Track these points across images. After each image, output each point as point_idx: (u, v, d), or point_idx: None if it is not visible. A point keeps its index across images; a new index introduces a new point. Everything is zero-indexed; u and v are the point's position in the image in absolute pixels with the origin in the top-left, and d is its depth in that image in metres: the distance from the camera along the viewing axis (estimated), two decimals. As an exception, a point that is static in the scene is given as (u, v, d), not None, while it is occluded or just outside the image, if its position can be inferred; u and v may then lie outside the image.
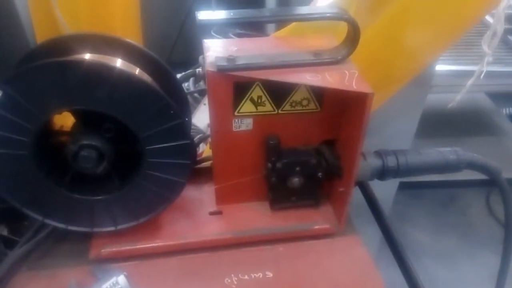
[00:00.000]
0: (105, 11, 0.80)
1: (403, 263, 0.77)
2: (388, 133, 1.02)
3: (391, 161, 0.75)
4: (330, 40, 0.69)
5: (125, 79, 0.55)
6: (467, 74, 0.82)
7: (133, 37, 0.86)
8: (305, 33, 0.74)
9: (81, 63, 0.54)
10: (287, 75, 0.62)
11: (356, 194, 0.84)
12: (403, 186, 1.41)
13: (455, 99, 0.81)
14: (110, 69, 0.55)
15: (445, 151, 0.77)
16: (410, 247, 1.99)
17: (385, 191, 0.90)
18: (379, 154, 0.76)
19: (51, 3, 0.69)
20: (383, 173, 0.75)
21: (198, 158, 0.82)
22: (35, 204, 0.63)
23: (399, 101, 0.92)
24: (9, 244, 0.73)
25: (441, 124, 2.13)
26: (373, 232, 0.90)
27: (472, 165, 0.78)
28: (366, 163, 0.74)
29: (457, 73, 1.52)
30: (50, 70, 0.52)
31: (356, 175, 0.70)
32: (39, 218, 0.63)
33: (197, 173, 0.81)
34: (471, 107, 2.43)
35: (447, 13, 0.79)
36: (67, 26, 0.72)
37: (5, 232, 0.76)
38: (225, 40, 0.70)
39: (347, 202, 0.73)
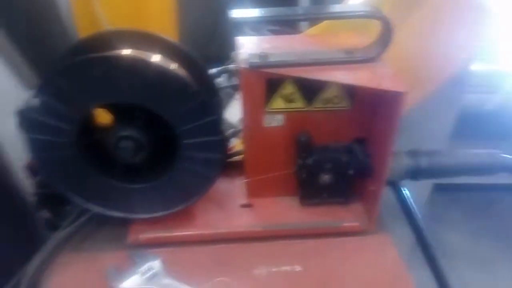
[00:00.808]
0: (143, 9, 0.83)
1: (434, 265, 0.76)
2: (422, 133, 1.00)
3: (424, 162, 0.74)
4: (362, 38, 0.69)
5: (164, 74, 0.58)
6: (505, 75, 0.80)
7: (169, 33, 0.90)
8: (337, 32, 0.74)
9: (122, 58, 0.57)
10: (319, 73, 0.63)
11: (389, 193, 0.83)
12: (440, 189, 1.37)
13: (492, 101, 0.78)
14: (149, 65, 0.58)
15: (481, 153, 0.75)
16: (446, 250, 1.93)
17: (418, 191, 0.88)
18: (412, 153, 0.75)
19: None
20: (415, 174, 0.75)
21: (230, 152, 0.84)
22: (78, 189, 0.67)
23: (434, 100, 0.90)
24: (52, 227, 0.78)
25: (481, 125, 2.05)
26: (406, 232, 0.89)
27: (509, 169, 0.75)
28: (398, 163, 0.73)
29: (495, 73, 1.46)
30: (93, 64, 0.56)
31: (387, 174, 0.70)
32: (81, 203, 0.68)
33: (229, 166, 0.83)
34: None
35: None
36: (107, 22, 0.76)
37: (47, 216, 0.81)
38: (258, 37, 0.71)
39: (378, 201, 0.72)
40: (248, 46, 0.68)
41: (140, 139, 0.62)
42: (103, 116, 0.66)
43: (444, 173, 0.76)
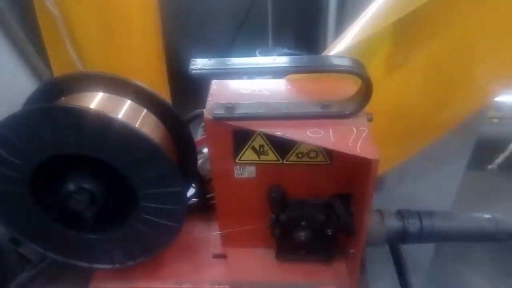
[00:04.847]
0: (127, 54, 0.81)
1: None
2: (428, 182, 0.91)
3: (413, 224, 0.66)
4: (349, 85, 0.62)
5: (116, 127, 0.55)
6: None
7: (157, 75, 0.87)
8: (322, 76, 0.67)
9: (71, 110, 0.54)
10: (286, 130, 0.57)
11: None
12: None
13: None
14: (101, 117, 0.54)
15: (481, 218, 0.66)
16: (466, 292, 1.79)
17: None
18: (400, 214, 0.67)
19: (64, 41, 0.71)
20: (403, 237, 0.67)
21: (207, 195, 0.79)
22: (37, 237, 0.65)
23: (440, 149, 0.81)
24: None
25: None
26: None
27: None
28: (382, 225, 0.66)
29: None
30: (41, 115, 0.53)
31: (367, 237, 0.62)
32: (41, 251, 0.66)
33: (207, 208, 0.79)
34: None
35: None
36: (80, 64, 0.74)
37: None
38: (231, 82, 0.66)
39: (358, 265, 0.65)
40: (218, 93, 0.63)
41: (93, 190, 0.59)
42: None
43: (438, 238, 0.67)
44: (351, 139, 0.54)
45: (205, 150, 0.81)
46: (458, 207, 0.95)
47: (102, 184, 0.61)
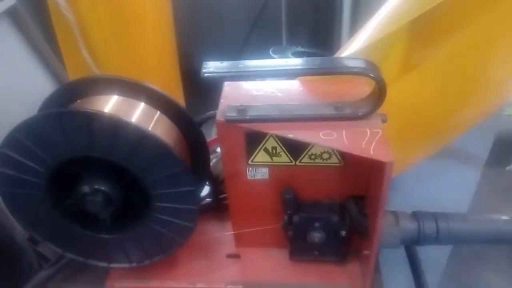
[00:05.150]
0: (141, 54, 0.81)
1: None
2: (445, 182, 0.89)
3: (428, 227, 0.65)
4: (362, 87, 0.62)
5: (128, 129, 0.55)
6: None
7: (170, 75, 0.87)
8: (335, 77, 0.67)
9: (80, 114, 0.55)
10: (299, 132, 0.56)
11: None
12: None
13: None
14: (113, 121, 0.55)
15: (499, 220, 0.65)
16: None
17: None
18: (415, 216, 0.66)
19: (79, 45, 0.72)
20: (418, 239, 0.66)
21: (221, 196, 0.79)
22: (55, 237, 0.66)
23: (458, 148, 0.80)
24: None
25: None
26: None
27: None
28: (396, 227, 0.65)
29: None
30: (55, 119, 0.54)
31: (381, 238, 0.62)
32: (59, 251, 0.67)
33: (220, 209, 0.79)
34: None
35: None
36: (94, 66, 0.75)
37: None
38: (244, 84, 0.66)
39: (371, 266, 0.65)
40: (230, 96, 0.63)
41: (108, 192, 0.60)
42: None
43: (454, 241, 0.66)
44: (364, 141, 0.54)
45: (219, 149, 0.81)
46: (475, 207, 0.93)
47: (116, 185, 0.61)
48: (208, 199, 0.81)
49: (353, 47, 0.67)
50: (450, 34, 0.66)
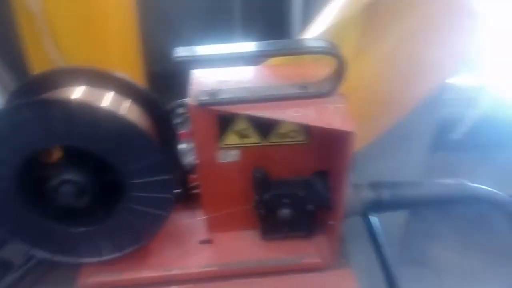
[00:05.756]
0: (102, 45, 0.81)
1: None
2: (394, 159, 0.98)
3: (385, 194, 0.72)
4: (323, 69, 0.67)
5: (104, 116, 0.56)
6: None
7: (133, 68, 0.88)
8: (297, 61, 0.72)
9: (59, 102, 0.55)
10: (269, 111, 0.60)
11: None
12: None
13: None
14: (89, 108, 0.55)
15: (448, 184, 0.73)
16: (433, 265, 1.91)
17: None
18: (373, 186, 0.73)
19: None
20: (378, 207, 0.72)
21: (191, 185, 0.81)
22: (22, 234, 0.64)
23: (404, 128, 0.88)
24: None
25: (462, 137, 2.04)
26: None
27: (478, 199, 0.73)
28: (357, 196, 0.71)
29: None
30: (30, 108, 0.53)
31: (345, 208, 0.67)
32: (26, 248, 0.65)
33: (190, 198, 0.81)
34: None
35: None
36: (60, 60, 0.73)
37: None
38: (212, 70, 0.69)
39: (338, 235, 0.70)
40: (199, 81, 0.66)
41: (82, 182, 0.59)
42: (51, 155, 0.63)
43: (409, 205, 0.74)
44: (329, 115, 0.59)
45: (182, 145, 0.83)
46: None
47: (90, 175, 0.61)
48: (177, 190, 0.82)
49: (310, 34, 0.73)
50: (391, 25, 0.75)
